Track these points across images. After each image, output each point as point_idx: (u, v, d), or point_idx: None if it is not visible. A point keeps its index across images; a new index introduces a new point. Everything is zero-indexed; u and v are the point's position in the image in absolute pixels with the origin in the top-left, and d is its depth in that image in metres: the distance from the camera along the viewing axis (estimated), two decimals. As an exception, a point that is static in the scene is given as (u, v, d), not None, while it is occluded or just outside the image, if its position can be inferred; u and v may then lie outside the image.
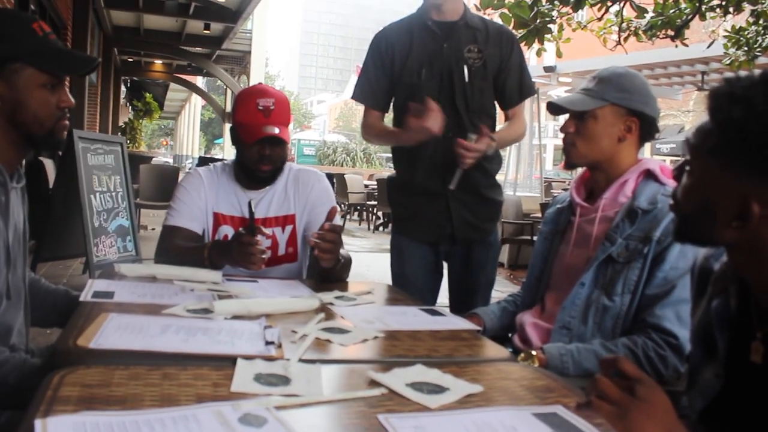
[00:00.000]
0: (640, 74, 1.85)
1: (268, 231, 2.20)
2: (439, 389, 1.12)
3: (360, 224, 13.34)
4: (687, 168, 1.11)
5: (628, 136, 1.79)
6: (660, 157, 20.09)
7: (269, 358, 1.20)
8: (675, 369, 1.61)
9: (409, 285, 2.44)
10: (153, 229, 8.63)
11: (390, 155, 2.81)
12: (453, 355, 1.37)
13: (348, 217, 13.20)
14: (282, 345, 1.30)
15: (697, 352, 1.25)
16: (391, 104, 2.62)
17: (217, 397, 1.01)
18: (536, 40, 7.78)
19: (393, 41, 2.52)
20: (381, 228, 12.21)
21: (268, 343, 1.29)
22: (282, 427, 0.91)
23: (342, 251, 2.14)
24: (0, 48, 1.43)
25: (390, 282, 2.56)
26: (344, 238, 2.37)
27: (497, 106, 2.59)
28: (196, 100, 31.92)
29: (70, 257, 5.62)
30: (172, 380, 1.07)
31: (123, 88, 21.54)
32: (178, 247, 2.15)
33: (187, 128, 36.45)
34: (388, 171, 22.02)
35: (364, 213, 13.52)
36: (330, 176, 10.65)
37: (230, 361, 1.17)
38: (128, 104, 24.51)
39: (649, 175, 1.78)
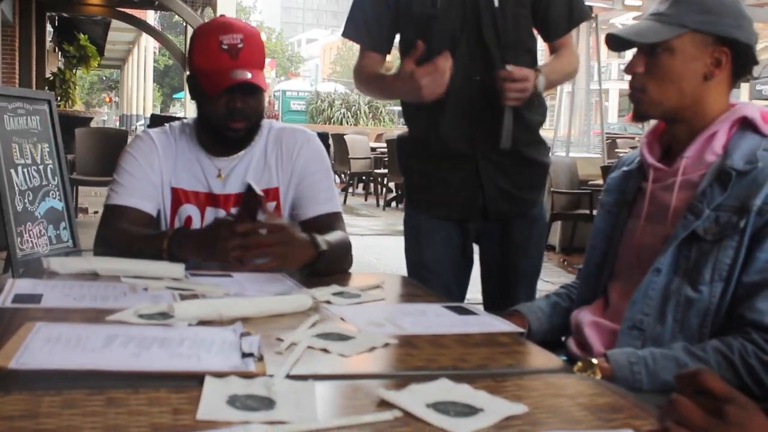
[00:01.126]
0: None
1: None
2: (469, 410, 1.12)
3: (366, 199, 13.41)
4: None
5: (717, 72, 1.77)
6: (762, 101, 19.96)
7: (247, 375, 1.21)
8: None
9: (430, 275, 2.45)
10: (95, 212, 8.70)
11: (401, 108, 2.80)
12: (488, 366, 1.38)
13: (350, 190, 13.25)
14: (263, 357, 1.30)
15: None
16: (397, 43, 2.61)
17: (179, 428, 1.01)
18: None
19: None
20: (393, 204, 12.26)
21: (245, 355, 1.30)
22: (264, 464, 0.91)
23: (336, 235, 2.14)
24: None
25: (405, 272, 2.57)
26: (346, 218, 2.37)
27: (539, 39, 2.58)
28: (147, 43, 31.93)
29: (-14, 251, 5.66)
30: (119, 407, 1.07)
31: (49, 28, 21.54)
32: (125, 234, 2.16)
33: (137, 79, 36.51)
34: (400, 129, 22.03)
35: (371, 185, 13.55)
36: (325, 137, 10.66)
37: (196, 379, 1.17)
38: (57, 49, 24.53)
39: (745, 124, 1.77)
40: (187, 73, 2.33)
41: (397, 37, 2.62)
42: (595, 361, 1.66)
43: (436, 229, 2.56)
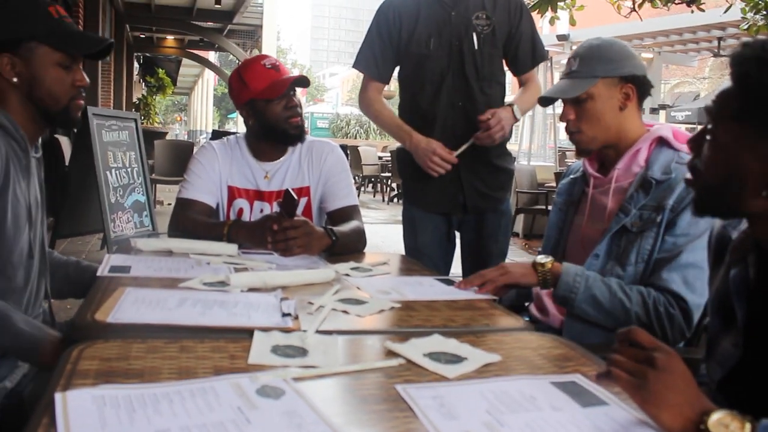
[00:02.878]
0: (614, 39, 1.82)
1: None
2: (456, 359, 1.11)
3: (374, 196, 13.34)
4: (708, 137, 1.07)
5: (628, 102, 1.76)
6: (676, 124, 19.84)
7: (286, 330, 1.20)
8: (680, 331, 1.60)
9: (423, 256, 2.43)
10: (169, 204, 8.66)
11: None
12: (470, 325, 1.36)
13: (362, 189, 13.20)
14: (298, 317, 1.29)
15: (715, 322, 1.23)
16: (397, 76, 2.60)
17: (235, 369, 1.00)
18: (549, 8, 7.67)
19: (400, 11, 2.49)
20: (395, 199, 12.20)
21: (284, 315, 1.29)
22: (300, 398, 0.90)
23: (351, 224, 2.13)
24: (17, 28, 1.53)
25: (404, 253, 2.55)
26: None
27: (507, 73, 2.56)
28: (209, 75, 31.83)
29: (87, 233, 5.65)
30: (189, 353, 1.07)
31: (136, 65, 21.51)
32: (193, 221, 2.14)
33: (201, 103, 36.40)
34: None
35: (379, 185, 13.51)
36: (344, 148, 10.60)
37: (247, 333, 1.16)
38: (141, 80, 24.47)
39: (662, 142, 1.75)
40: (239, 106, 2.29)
41: (397, 69, 2.62)
42: (550, 258, 1.67)
43: (427, 220, 2.54)
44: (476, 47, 2.42)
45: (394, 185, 12.34)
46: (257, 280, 1.53)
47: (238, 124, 23.09)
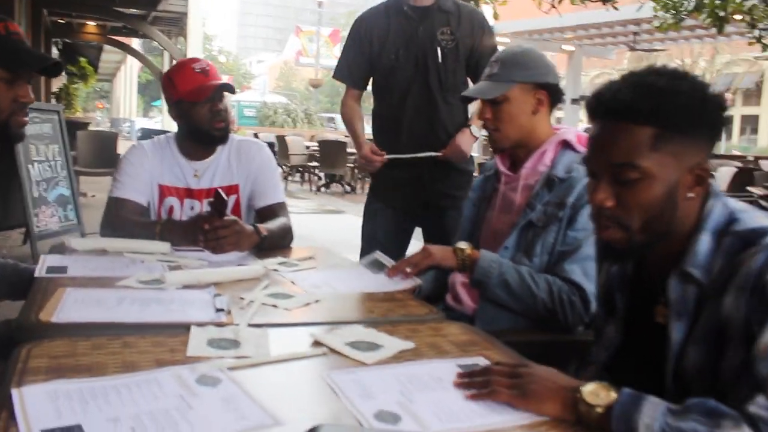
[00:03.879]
0: (533, 48, 1.98)
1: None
2: (374, 347, 1.24)
3: (302, 185, 13.36)
4: (634, 177, 1.12)
5: (540, 107, 1.91)
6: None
7: (220, 324, 1.31)
8: (579, 317, 1.76)
9: (379, 246, 2.57)
10: (93, 195, 8.51)
11: (331, 116, 3.02)
12: (388, 315, 1.50)
13: (289, 178, 13.20)
14: (231, 311, 1.40)
15: (600, 311, 1.40)
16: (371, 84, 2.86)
17: (175, 362, 1.11)
18: (473, 2, 7.87)
19: (372, 25, 2.75)
20: (323, 189, 12.27)
21: (218, 310, 1.39)
22: (235, 385, 1.02)
23: (278, 221, 2.24)
24: None
25: (329, 243, 2.69)
26: (286, 200, 2.47)
27: (469, 84, 2.77)
28: (133, 62, 30.92)
29: (8, 228, 5.55)
30: (132, 348, 1.17)
31: (55, 51, 20.78)
32: (125, 220, 2.20)
33: (124, 90, 35.42)
34: (329, 132, 21.90)
35: (306, 174, 13.53)
36: (271, 145, 10.51)
37: (184, 328, 1.27)
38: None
39: (566, 144, 1.92)
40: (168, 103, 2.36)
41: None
42: (468, 245, 1.84)
43: (390, 214, 2.77)
44: (440, 60, 2.66)
45: (321, 174, 12.39)
46: (191, 278, 1.62)
47: (163, 112, 22.62)
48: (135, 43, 25.14)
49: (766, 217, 1.13)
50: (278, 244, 2.20)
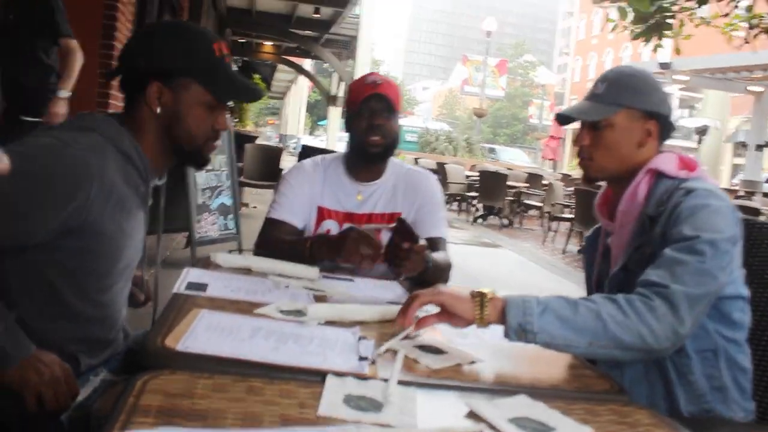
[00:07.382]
0: (647, 71, 1.69)
1: (373, 226, 2.16)
2: (544, 428, 1.01)
3: (458, 214, 13.20)
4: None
5: (648, 140, 1.63)
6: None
7: (362, 377, 1.12)
8: (672, 328, 1.36)
9: None
10: (254, 207, 8.81)
11: (492, 146, 2.75)
12: (559, 387, 1.25)
13: (447, 206, 13.09)
14: (375, 362, 1.21)
15: None
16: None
17: (303, 420, 0.93)
18: (655, 37, 7.40)
19: None
20: (479, 220, 12.04)
21: (361, 358, 1.21)
22: (371, 465, 0.82)
23: (441, 255, 2.05)
24: (178, 61, 1.47)
25: (489, 279, 2.45)
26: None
27: None
28: (303, 82, 32.42)
29: (174, 231, 5.77)
30: (257, 395, 1.00)
31: (234, 67, 22.12)
32: (279, 240, 2.12)
33: (293, 108, 37.12)
34: (490, 163, 21.64)
35: (464, 204, 13.36)
36: (435, 171, 10.46)
37: (320, 376, 1.09)
38: (238, 83, 25.13)
39: (658, 174, 1.61)
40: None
41: None
42: (490, 290, 1.36)
43: None
44: None
45: (479, 206, 12.17)
46: (335, 313, 1.46)
47: (327, 131, 23.41)
48: (306, 63, 26.34)
49: None
50: (438, 277, 2.00)
